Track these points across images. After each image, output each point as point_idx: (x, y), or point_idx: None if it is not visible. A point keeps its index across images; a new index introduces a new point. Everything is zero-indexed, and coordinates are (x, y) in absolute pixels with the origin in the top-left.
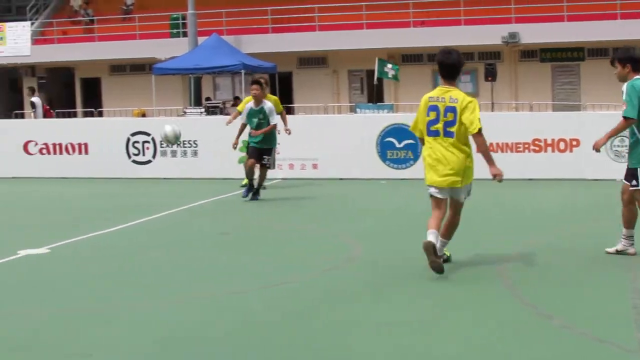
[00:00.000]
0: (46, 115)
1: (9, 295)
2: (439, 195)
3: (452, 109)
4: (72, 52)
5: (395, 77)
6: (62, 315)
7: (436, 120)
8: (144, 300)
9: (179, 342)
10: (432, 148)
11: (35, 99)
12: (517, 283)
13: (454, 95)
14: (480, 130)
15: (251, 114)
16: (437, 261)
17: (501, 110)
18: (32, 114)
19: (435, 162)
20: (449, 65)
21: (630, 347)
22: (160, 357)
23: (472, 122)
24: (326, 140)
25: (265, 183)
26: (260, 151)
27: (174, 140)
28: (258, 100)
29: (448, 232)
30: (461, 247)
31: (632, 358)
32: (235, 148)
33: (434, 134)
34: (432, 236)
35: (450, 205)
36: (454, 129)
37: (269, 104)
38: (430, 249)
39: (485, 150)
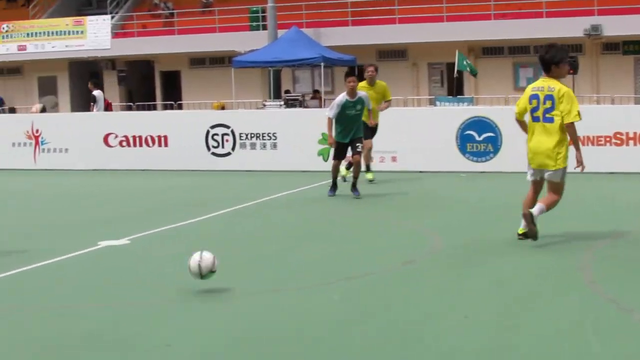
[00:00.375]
0: (107, 109)
1: (89, 287)
2: (533, 177)
3: (550, 97)
4: (152, 45)
5: (473, 72)
6: (142, 306)
7: (537, 108)
8: (225, 292)
9: (258, 335)
10: (533, 133)
11: (97, 93)
12: (598, 276)
13: (551, 85)
14: (574, 122)
15: (347, 106)
16: (533, 229)
17: (582, 103)
18: (94, 108)
19: (533, 146)
20: (543, 60)
21: None
22: (238, 351)
23: (569, 112)
24: (405, 133)
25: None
26: (352, 142)
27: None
28: (354, 92)
29: (547, 206)
30: (542, 239)
31: None
32: (332, 146)
33: (535, 119)
34: (535, 209)
35: (547, 187)
36: (551, 115)
37: (363, 92)
38: (528, 217)
39: (575, 140)
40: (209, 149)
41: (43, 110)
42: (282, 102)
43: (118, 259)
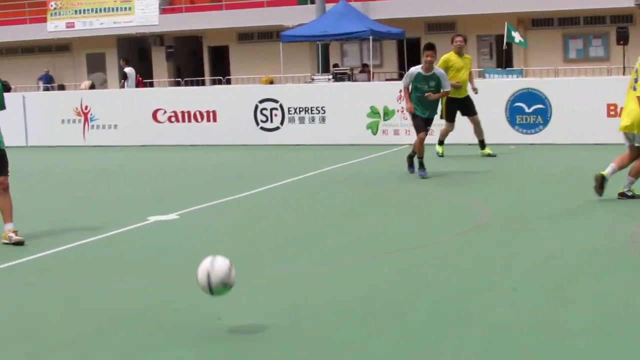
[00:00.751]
0: (138, 86)
1: (139, 261)
2: (624, 140)
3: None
4: (200, 21)
5: (522, 43)
6: (191, 280)
7: (636, 79)
8: (276, 265)
9: (310, 308)
10: (627, 100)
11: (129, 70)
12: None
13: None
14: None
15: (419, 80)
16: (599, 191)
17: None
18: (125, 84)
19: (624, 112)
20: None
21: None
22: (290, 323)
23: None
24: None
25: (394, 149)
26: (427, 121)
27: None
28: (430, 67)
29: (635, 173)
30: (594, 211)
31: None
32: (410, 111)
33: (633, 88)
34: (608, 169)
35: (633, 150)
36: (638, 85)
37: (440, 70)
38: (598, 179)
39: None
40: (257, 123)
41: (92, 87)
42: (331, 76)
43: (168, 233)
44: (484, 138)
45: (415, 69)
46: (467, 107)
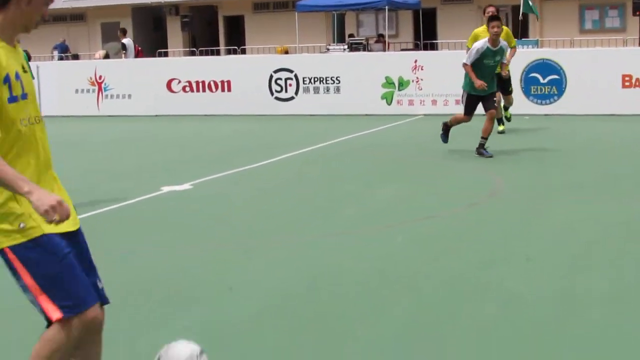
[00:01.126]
0: (137, 56)
1: (152, 231)
2: None
3: None
4: None
5: (535, 13)
6: (204, 250)
7: None
8: (291, 236)
9: (326, 278)
10: None
11: (127, 41)
12: None
13: None
14: None
15: (487, 55)
16: None
17: None
18: (123, 55)
19: None
20: None
21: None
22: (305, 294)
23: None
24: None
25: (409, 119)
26: (479, 100)
27: None
28: (497, 39)
29: None
30: (608, 184)
31: None
32: (482, 87)
33: None
34: None
35: None
36: None
37: (505, 42)
38: None
39: None
40: (272, 93)
41: (106, 56)
42: (346, 46)
43: (181, 204)
44: (501, 117)
45: (483, 44)
46: (502, 85)
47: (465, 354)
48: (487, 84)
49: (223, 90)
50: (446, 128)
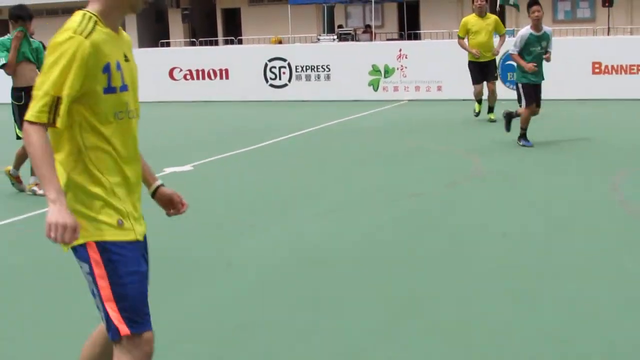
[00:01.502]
0: None
1: (155, 210)
2: None
3: None
4: None
5: (515, 5)
6: (205, 228)
7: None
8: (282, 214)
9: (317, 254)
10: None
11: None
12: (630, 196)
13: None
14: None
15: (532, 42)
16: None
17: (616, 34)
18: None
19: None
20: None
21: None
22: (297, 269)
23: None
24: (450, 63)
25: (394, 104)
26: (538, 88)
27: None
28: (539, 24)
29: None
30: (575, 162)
31: None
32: (532, 69)
33: None
34: None
35: None
36: None
37: (549, 28)
38: None
39: None
40: (267, 81)
41: None
42: (335, 37)
43: (182, 184)
44: (494, 105)
45: (526, 31)
46: (487, 71)
47: (449, 324)
48: (541, 72)
49: (221, 78)
50: (509, 118)
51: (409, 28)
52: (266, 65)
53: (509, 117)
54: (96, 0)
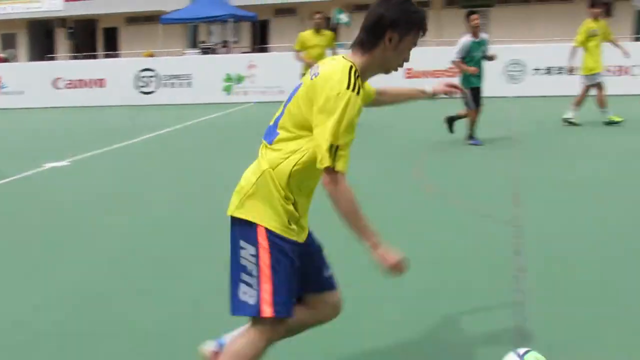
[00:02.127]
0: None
1: (36, 201)
2: None
3: None
4: (96, 7)
5: (347, 23)
6: (79, 218)
7: None
8: (162, 198)
9: (167, 223)
10: None
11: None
12: (429, 174)
13: None
14: None
15: (473, 48)
16: None
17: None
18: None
19: None
20: None
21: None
22: (156, 241)
23: None
24: (292, 72)
25: (244, 106)
26: (478, 92)
27: None
28: (478, 31)
29: None
30: (385, 147)
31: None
32: (476, 72)
33: None
34: None
35: None
36: None
37: (486, 34)
38: None
39: None
40: (138, 88)
41: (5, 60)
42: (199, 50)
43: (60, 177)
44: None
45: (467, 39)
46: None
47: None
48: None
49: (99, 86)
50: (451, 121)
51: (261, 43)
52: (137, 75)
53: (450, 120)
54: (361, 54)
